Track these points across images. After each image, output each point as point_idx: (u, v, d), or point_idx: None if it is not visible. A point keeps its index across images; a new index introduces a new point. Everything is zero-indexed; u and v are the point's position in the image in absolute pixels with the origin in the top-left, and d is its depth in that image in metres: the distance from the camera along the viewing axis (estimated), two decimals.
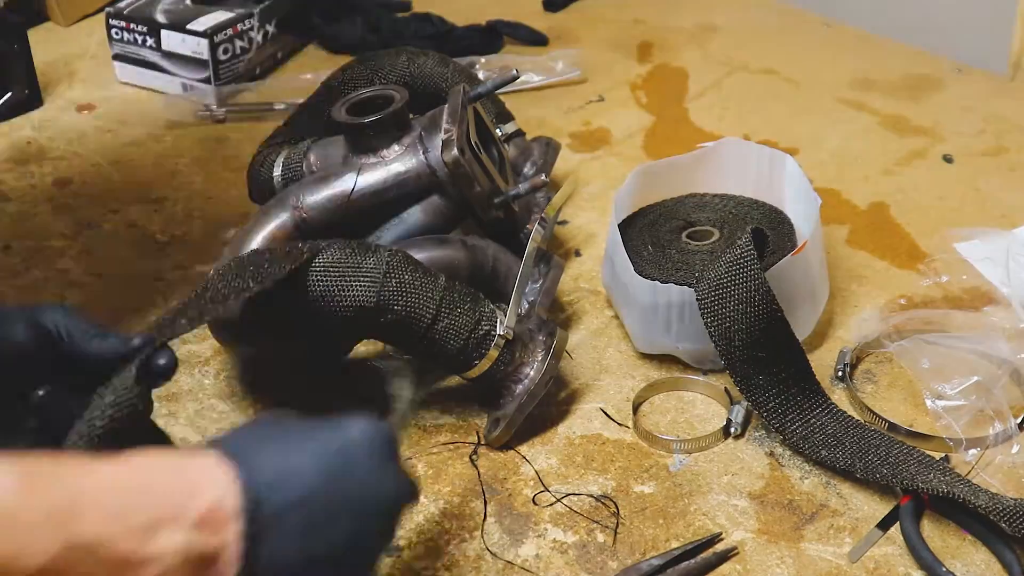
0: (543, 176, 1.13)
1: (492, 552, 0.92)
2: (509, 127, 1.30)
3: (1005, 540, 0.90)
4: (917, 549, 0.90)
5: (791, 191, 1.20)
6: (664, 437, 1.02)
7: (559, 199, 1.14)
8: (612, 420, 1.04)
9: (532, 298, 1.08)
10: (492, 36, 1.68)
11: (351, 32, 1.68)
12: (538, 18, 1.77)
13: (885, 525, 0.93)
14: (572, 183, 1.22)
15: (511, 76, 1.17)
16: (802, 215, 1.17)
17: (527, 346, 1.01)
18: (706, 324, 1.01)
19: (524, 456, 1.01)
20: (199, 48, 1.55)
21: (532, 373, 1.00)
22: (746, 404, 1.03)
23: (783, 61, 1.64)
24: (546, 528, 0.94)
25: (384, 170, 1.11)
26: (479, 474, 0.99)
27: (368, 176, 1.11)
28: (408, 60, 1.27)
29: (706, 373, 1.09)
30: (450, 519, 0.96)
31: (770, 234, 1.13)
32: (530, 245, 1.06)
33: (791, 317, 1.02)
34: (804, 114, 1.52)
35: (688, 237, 1.19)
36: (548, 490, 0.98)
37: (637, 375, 1.10)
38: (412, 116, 1.15)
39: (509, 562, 0.92)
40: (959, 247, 1.22)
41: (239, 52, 1.58)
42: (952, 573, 0.88)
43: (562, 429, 1.04)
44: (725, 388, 1.05)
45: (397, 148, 1.11)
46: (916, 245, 1.26)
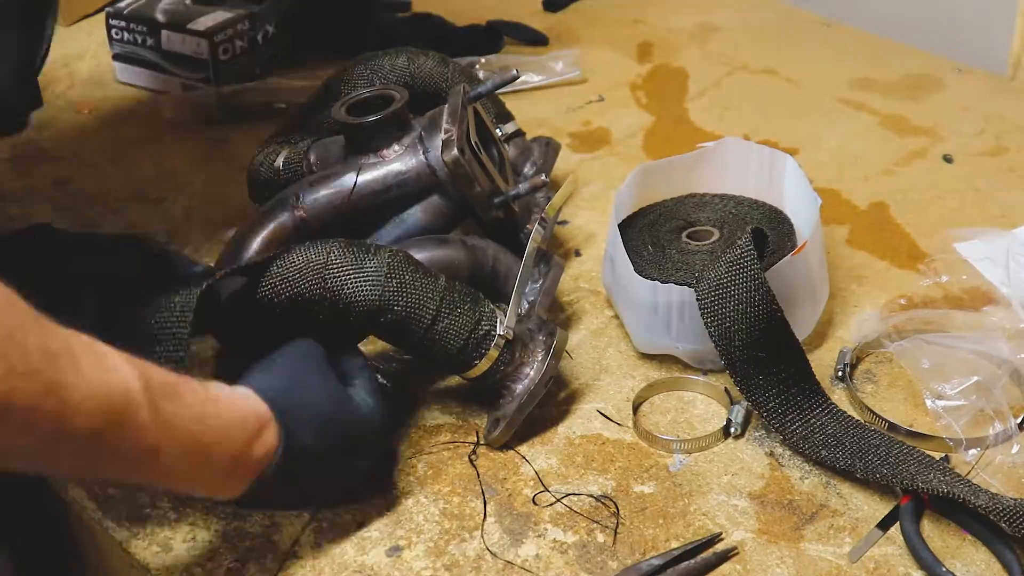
0: (543, 176, 1.13)
1: (492, 552, 0.92)
2: (509, 127, 1.30)
3: (1005, 540, 0.90)
4: (917, 549, 0.90)
5: (791, 191, 1.20)
6: (664, 437, 1.02)
7: (558, 199, 1.14)
8: (612, 421, 1.04)
9: (532, 298, 1.08)
10: (492, 36, 1.68)
11: (351, 32, 1.68)
12: (538, 18, 1.77)
13: (885, 525, 0.93)
14: (572, 183, 1.22)
15: (511, 76, 1.17)
16: (802, 215, 1.17)
17: (527, 346, 1.01)
18: (706, 324, 1.01)
19: (524, 456, 1.01)
20: (199, 48, 1.54)
21: (532, 373, 1.00)
22: (746, 404, 1.03)
23: (783, 61, 1.64)
24: (546, 528, 0.94)
25: (384, 170, 1.11)
26: (478, 474, 0.99)
27: (368, 176, 1.11)
28: (408, 60, 1.27)
29: (706, 373, 1.09)
30: (450, 519, 0.96)
31: (770, 234, 1.13)
32: (530, 245, 1.06)
33: (791, 317, 1.02)
34: (804, 114, 1.52)
35: (688, 237, 1.19)
36: (548, 490, 0.98)
37: (637, 375, 1.10)
38: (413, 116, 1.15)
39: (509, 562, 0.92)
40: (959, 247, 1.22)
41: (239, 52, 1.57)
42: (952, 573, 0.88)
43: (562, 429, 1.04)
44: (725, 388, 1.05)
45: (397, 148, 1.11)
46: (916, 245, 1.26)
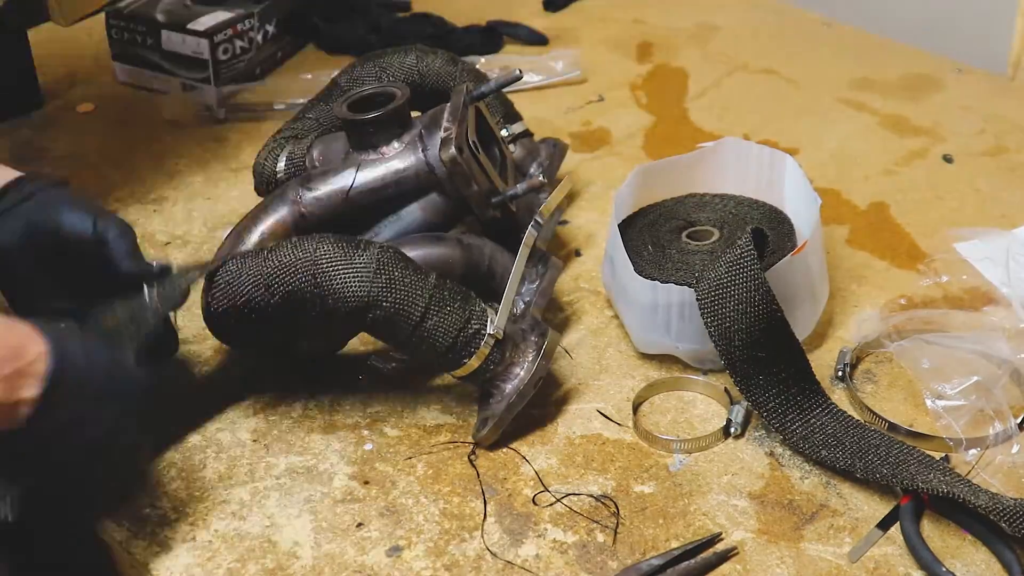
0: (541, 177, 1.13)
1: (492, 552, 0.92)
2: (517, 127, 1.30)
3: (1005, 540, 0.90)
4: (917, 549, 0.90)
5: (791, 191, 1.20)
6: (664, 437, 1.02)
7: (552, 201, 1.13)
8: (612, 421, 1.04)
9: (528, 298, 1.08)
10: (492, 36, 1.68)
11: (351, 32, 1.68)
12: (538, 18, 1.77)
13: (885, 525, 0.93)
14: (567, 184, 1.21)
15: (514, 76, 1.17)
16: (802, 215, 1.17)
17: (518, 346, 1.01)
18: (706, 324, 1.01)
19: (524, 456, 1.01)
20: (199, 48, 1.54)
21: (522, 373, 1.00)
22: (746, 404, 1.03)
23: (783, 61, 1.64)
24: (546, 528, 0.94)
25: (383, 167, 1.11)
26: (478, 474, 0.99)
27: (367, 172, 1.11)
28: (417, 58, 1.27)
29: (706, 373, 1.09)
30: (450, 519, 0.96)
31: (770, 234, 1.13)
32: (523, 247, 1.06)
33: (791, 317, 1.02)
34: (804, 114, 1.52)
35: (688, 237, 1.19)
36: (548, 490, 0.98)
37: (637, 375, 1.10)
38: (415, 114, 1.14)
39: (509, 562, 0.92)
40: (959, 247, 1.22)
41: (239, 52, 1.57)
42: (952, 573, 0.88)
43: (562, 429, 1.04)
44: (725, 388, 1.05)
45: (397, 145, 1.11)
46: (916, 245, 1.26)
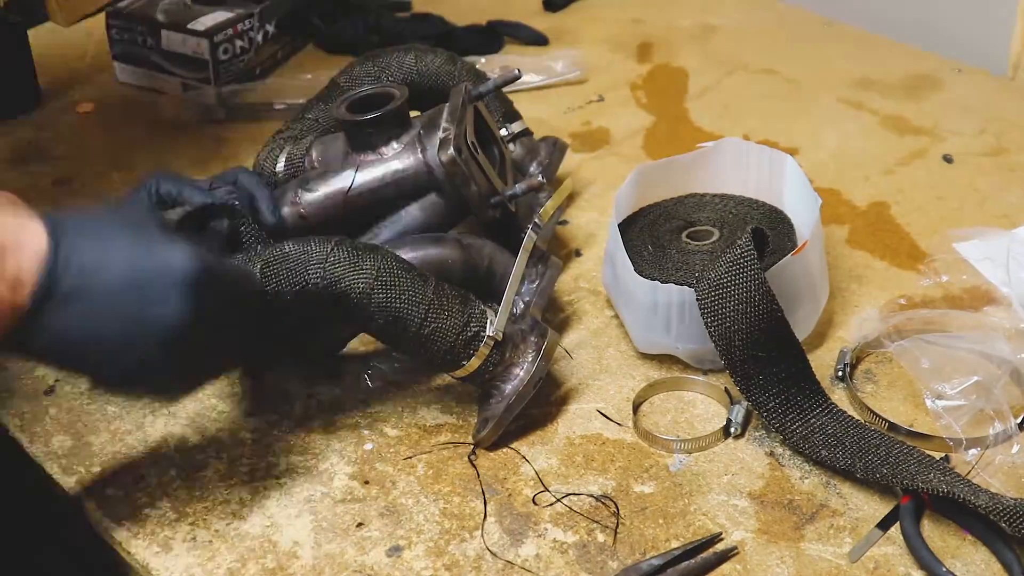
0: (540, 177, 1.13)
1: (492, 552, 0.92)
2: (516, 126, 1.30)
3: (1005, 540, 0.90)
4: (917, 549, 0.90)
5: (791, 191, 1.20)
6: (664, 437, 1.02)
7: (551, 205, 1.13)
8: (612, 421, 1.04)
9: (528, 298, 1.08)
10: (492, 36, 1.68)
11: (351, 32, 1.68)
12: (538, 18, 1.77)
13: (885, 525, 0.93)
14: (566, 188, 1.21)
15: (513, 76, 1.17)
16: (802, 215, 1.17)
17: (518, 347, 1.01)
18: (706, 324, 1.01)
19: (524, 456, 1.01)
20: (199, 48, 1.54)
21: (521, 374, 1.00)
22: (746, 404, 1.03)
23: (783, 61, 1.64)
24: (546, 528, 0.94)
25: (382, 168, 1.11)
26: (478, 474, 0.99)
27: (366, 173, 1.11)
28: (416, 58, 1.27)
29: (706, 373, 1.09)
30: (450, 519, 0.96)
31: (770, 234, 1.13)
32: (522, 251, 1.05)
33: (791, 317, 1.02)
34: (804, 114, 1.52)
35: (688, 237, 1.19)
36: (548, 490, 0.98)
37: (637, 375, 1.10)
38: (414, 115, 1.14)
39: (509, 562, 0.92)
40: (959, 247, 1.22)
41: (239, 52, 1.57)
42: (952, 573, 0.88)
43: (562, 429, 1.04)
44: (725, 388, 1.05)
45: (396, 146, 1.11)
46: (916, 245, 1.26)
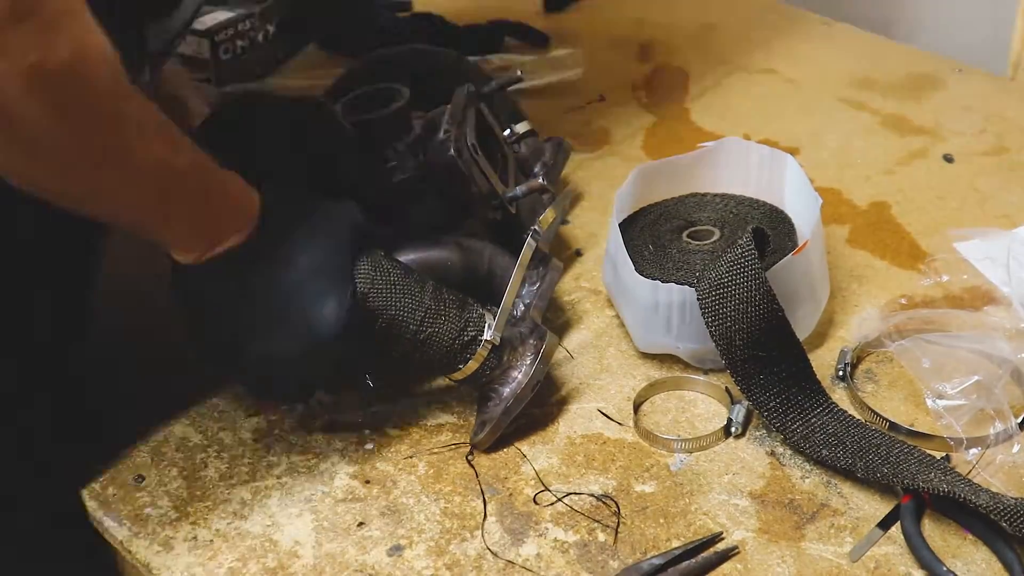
0: (541, 179, 1.12)
1: (493, 552, 0.92)
2: (521, 127, 1.29)
3: (1006, 539, 0.90)
4: (918, 548, 0.90)
5: (791, 191, 1.20)
6: (665, 436, 1.02)
7: (549, 214, 1.12)
8: (612, 420, 1.04)
9: (528, 300, 1.08)
10: (492, 36, 1.68)
11: (351, 32, 1.68)
12: (538, 18, 1.77)
13: (886, 524, 0.93)
14: (565, 197, 1.21)
15: (515, 77, 1.17)
16: (802, 215, 1.17)
17: (516, 350, 1.01)
18: (707, 324, 1.01)
19: (525, 455, 1.01)
20: (199, 48, 1.54)
21: (520, 377, 1.00)
22: (747, 403, 1.03)
23: (783, 61, 1.64)
24: (547, 527, 0.94)
25: (383, 168, 1.10)
26: (477, 474, 0.99)
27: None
28: (422, 58, 1.27)
29: (707, 372, 1.09)
30: (451, 518, 0.96)
31: (771, 234, 1.13)
32: (521, 257, 1.05)
33: (792, 317, 1.02)
34: (804, 114, 1.52)
35: (689, 237, 1.19)
36: (549, 489, 0.98)
37: (638, 374, 1.10)
38: (415, 115, 1.14)
39: (510, 561, 0.92)
40: (959, 247, 1.22)
41: (239, 52, 1.57)
42: (953, 572, 0.88)
43: (563, 428, 1.04)
44: (726, 387, 1.05)
45: (397, 146, 1.11)
46: (916, 245, 1.26)
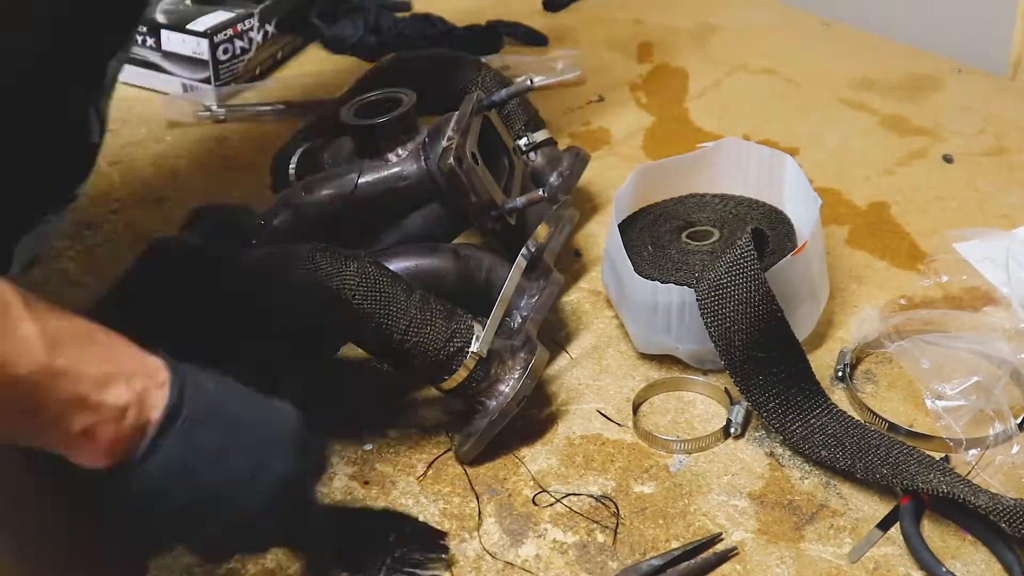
0: (540, 191, 1.11)
1: (491, 553, 0.92)
2: (539, 135, 1.29)
3: (1005, 540, 0.90)
4: (917, 549, 0.90)
5: (791, 191, 1.20)
6: (664, 437, 1.02)
7: (542, 229, 1.11)
8: (612, 421, 1.04)
9: (526, 312, 1.07)
10: (492, 36, 1.68)
11: (351, 32, 1.68)
12: (538, 18, 1.77)
13: (885, 525, 0.93)
14: (562, 210, 1.20)
15: (526, 87, 1.17)
16: (802, 215, 1.17)
17: (505, 363, 1.00)
18: (706, 324, 1.01)
19: (524, 456, 1.01)
20: (199, 48, 1.54)
21: (507, 391, 0.99)
22: (746, 404, 1.03)
23: (783, 61, 1.64)
24: (546, 528, 0.94)
25: (385, 172, 1.11)
26: (468, 477, 0.99)
27: (369, 177, 1.10)
28: (441, 62, 1.27)
29: (706, 373, 1.09)
30: (450, 519, 0.96)
31: (770, 234, 1.13)
32: (512, 272, 1.04)
33: (791, 317, 1.02)
34: (804, 114, 1.52)
35: (688, 237, 1.19)
36: (548, 490, 0.98)
37: (637, 375, 1.10)
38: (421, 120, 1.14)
39: (509, 562, 0.92)
40: (959, 247, 1.22)
41: (239, 52, 1.58)
42: (952, 573, 0.88)
43: (562, 429, 1.04)
44: (725, 388, 1.05)
45: (401, 152, 1.11)
46: (916, 245, 1.26)
